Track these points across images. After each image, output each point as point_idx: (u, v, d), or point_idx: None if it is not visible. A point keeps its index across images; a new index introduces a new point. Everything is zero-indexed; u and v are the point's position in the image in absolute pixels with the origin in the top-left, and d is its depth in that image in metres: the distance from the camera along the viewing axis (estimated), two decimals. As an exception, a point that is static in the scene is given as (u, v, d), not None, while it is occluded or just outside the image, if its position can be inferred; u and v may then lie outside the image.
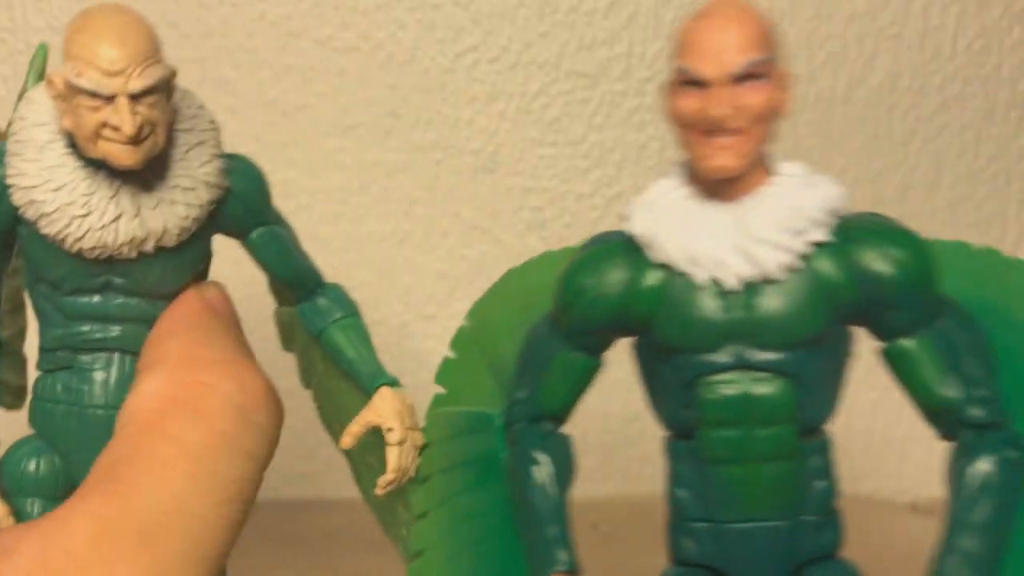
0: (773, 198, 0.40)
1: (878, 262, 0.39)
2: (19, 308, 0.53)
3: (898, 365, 0.40)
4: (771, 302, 0.39)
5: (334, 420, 0.51)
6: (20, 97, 0.48)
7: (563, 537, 0.42)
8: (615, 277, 0.41)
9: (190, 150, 0.44)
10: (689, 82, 0.39)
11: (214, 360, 0.43)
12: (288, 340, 0.53)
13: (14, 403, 0.53)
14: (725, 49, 0.38)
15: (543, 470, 0.43)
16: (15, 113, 0.44)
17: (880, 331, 0.40)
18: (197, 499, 0.40)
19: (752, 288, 0.39)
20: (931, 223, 0.80)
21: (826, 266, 0.39)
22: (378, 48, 0.78)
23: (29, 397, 0.47)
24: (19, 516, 0.44)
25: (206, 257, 0.47)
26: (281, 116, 0.77)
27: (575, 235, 0.80)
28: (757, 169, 0.40)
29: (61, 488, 0.45)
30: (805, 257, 0.39)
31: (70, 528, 0.38)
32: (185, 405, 0.42)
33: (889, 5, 0.79)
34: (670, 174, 0.42)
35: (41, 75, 0.49)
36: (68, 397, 0.45)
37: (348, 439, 0.47)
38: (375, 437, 0.48)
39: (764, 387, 0.39)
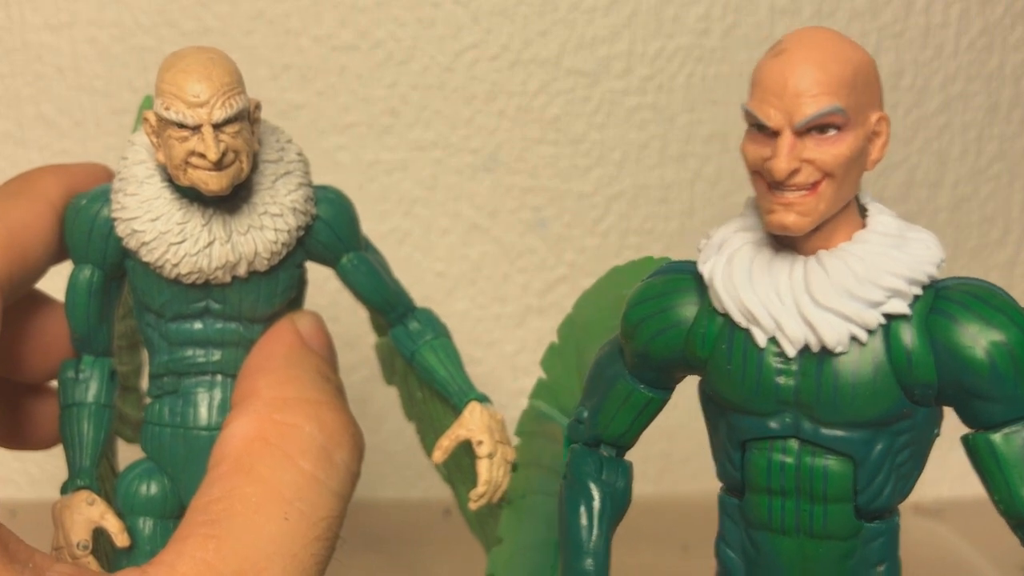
0: (851, 259, 0.35)
1: (968, 345, 0.34)
2: (135, 346, 0.58)
3: (980, 460, 0.35)
4: (832, 376, 0.35)
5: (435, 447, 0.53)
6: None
7: (597, 572, 0.40)
8: (680, 313, 0.38)
9: (277, 180, 0.47)
10: (757, 125, 0.35)
11: (297, 399, 0.46)
12: (390, 373, 0.55)
13: (134, 437, 0.56)
14: (794, 95, 0.33)
15: (591, 503, 0.40)
16: (121, 155, 0.48)
17: (964, 417, 0.36)
18: (291, 540, 0.42)
19: (814, 357, 0.35)
20: (934, 222, 0.80)
21: (904, 341, 0.35)
22: (377, 46, 0.77)
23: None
24: (131, 533, 0.47)
25: (299, 284, 0.50)
26: (280, 115, 0.77)
27: (575, 234, 0.80)
28: (842, 220, 0.36)
29: (171, 507, 0.48)
30: (880, 327, 0.35)
31: (176, 574, 0.40)
32: (271, 446, 0.44)
33: (891, 3, 0.79)
34: (746, 212, 0.38)
35: None
36: (174, 420, 0.48)
37: (439, 453, 0.48)
38: (470, 460, 0.49)
39: (819, 462, 0.36)
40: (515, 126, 0.78)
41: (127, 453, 0.51)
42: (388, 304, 0.51)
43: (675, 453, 0.82)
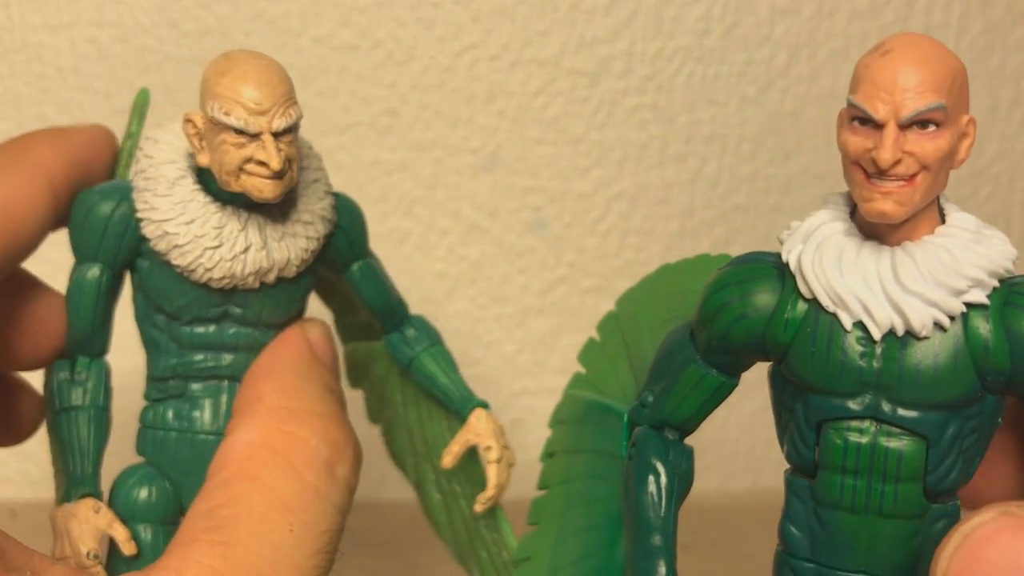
0: (936, 250, 0.38)
1: None
2: None
3: None
4: (914, 359, 0.37)
5: (407, 451, 0.54)
6: (127, 137, 0.52)
7: (667, 550, 0.40)
8: (761, 300, 0.39)
9: (307, 187, 0.47)
10: (860, 118, 0.37)
11: (305, 411, 0.46)
12: (359, 376, 0.55)
13: None
14: (902, 90, 0.36)
15: (659, 480, 0.41)
16: (140, 152, 0.47)
17: None
18: (295, 551, 0.42)
19: (897, 340, 0.37)
20: (933, 222, 0.80)
21: (980, 329, 0.37)
22: (377, 46, 0.77)
23: (137, 426, 0.49)
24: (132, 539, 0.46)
25: (310, 290, 0.50)
26: (280, 115, 0.77)
27: (575, 235, 0.80)
28: (926, 215, 0.38)
29: (172, 512, 0.47)
30: (960, 315, 0.37)
31: None
32: (277, 455, 0.44)
33: (891, 3, 0.79)
34: (830, 204, 0.40)
35: (143, 117, 0.52)
36: (180, 424, 0.48)
37: (449, 458, 0.49)
38: (460, 462, 0.50)
39: (894, 443, 0.38)
40: (515, 126, 0.78)
41: (120, 457, 0.51)
42: (390, 310, 0.51)
43: (675, 453, 0.82)
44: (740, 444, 0.83)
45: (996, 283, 0.37)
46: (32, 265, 0.49)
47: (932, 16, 0.79)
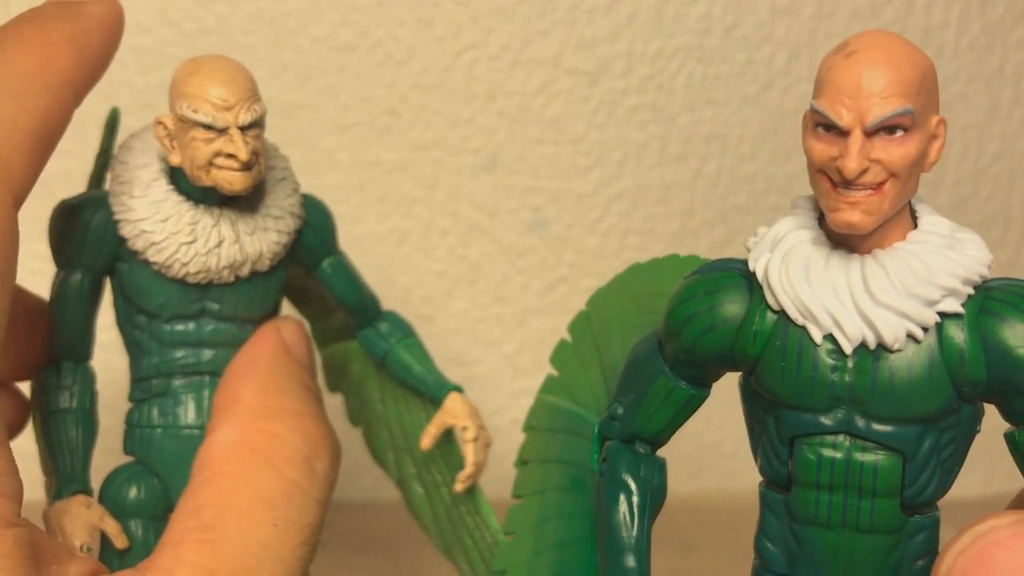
0: (908, 258, 0.36)
1: (1017, 344, 0.35)
2: None
3: (1022, 455, 0.37)
4: (887, 373, 0.36)
5: (388, 447, 0.55)
6: (99, 155, 0.53)
7: (640, 571, 0.40)
8: (728, 310, 0.38)
9: (275, 185, 0.49)
10: (824, 124, 0.36)
11: (282, 409, 0.47)
12: (337, 380, 0.56)
13: None
14: (867, 95, 0.34)
15: (631, 498, 0.40)
16: (115, 159, 0.49)
17: (1009, 414, 0.37)
18: (279, 545, 0.44)
19: (869, 353, 0.36)
20: (933, 222, 0.80)
21: (955, 340, 0.36)
22: (377, 46, 0.77)
23: (123, 427, 0.50)
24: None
25: (284, 287, 0.51)
26: (279, 115, 0.77)
27: (575, 235, 0.80)
28: (897, 221, 0.37)
29: (160, 508, 0.49)
30: (934, 325, 0.36)
31: None
32: (256, 454, 0.45)
33: (891, 3, 0.79)
34: (798, 209, 0.39)
35: (114, 134, 0.54)
36: (164, 420, 0.49)
37: (427, 440, 0.51)
38: (436, 451, 0.52)
39: (869, 457, 0.36)
40: (515, 126, 0.78)
41: (113, 456, 0.51)
42: (363, 306, 0.53)
43: (674, 453, 0.82)
44: (740, 444, 0.83)
45: (971, 290, 0.36)
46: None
47: (932, 16, 0.79)
